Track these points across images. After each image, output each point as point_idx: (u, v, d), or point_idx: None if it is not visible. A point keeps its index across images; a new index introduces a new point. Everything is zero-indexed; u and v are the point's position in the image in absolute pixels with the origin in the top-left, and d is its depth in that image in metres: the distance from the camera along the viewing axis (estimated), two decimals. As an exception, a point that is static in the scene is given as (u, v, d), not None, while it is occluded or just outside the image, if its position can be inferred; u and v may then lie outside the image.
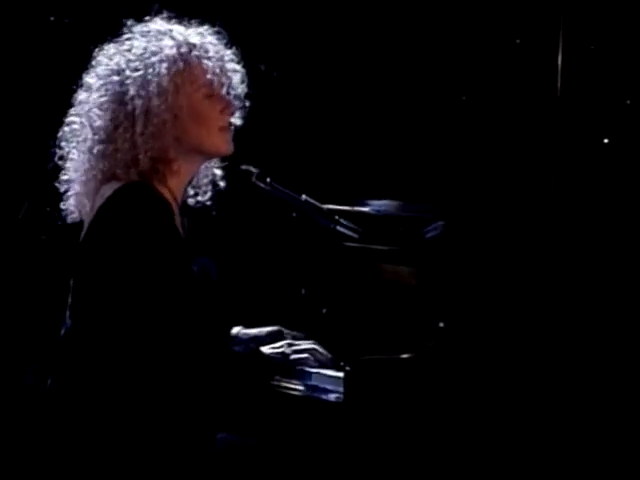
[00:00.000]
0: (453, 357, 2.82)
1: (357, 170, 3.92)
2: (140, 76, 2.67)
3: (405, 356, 2.74)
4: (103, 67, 2.75)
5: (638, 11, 3.45)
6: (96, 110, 2.71)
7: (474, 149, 3.75)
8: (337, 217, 2.98)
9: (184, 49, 2.71)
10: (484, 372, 2.85)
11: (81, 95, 2.78)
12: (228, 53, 2.79)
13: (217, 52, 2.76)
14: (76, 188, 2.74)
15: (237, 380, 2.66)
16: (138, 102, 2.67)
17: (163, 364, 2.54)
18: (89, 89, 2.76)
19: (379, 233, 3.06)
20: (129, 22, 2.78)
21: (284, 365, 2.74)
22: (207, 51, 2.74)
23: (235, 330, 2.91)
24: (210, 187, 2.87)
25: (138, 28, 2.78)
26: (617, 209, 3.31)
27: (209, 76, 2.72)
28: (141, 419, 2.53)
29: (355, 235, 2.99)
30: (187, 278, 2.62)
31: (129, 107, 2.67)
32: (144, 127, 2.66)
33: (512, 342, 2.93)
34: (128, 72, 2.69)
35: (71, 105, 2.80)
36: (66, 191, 2.77)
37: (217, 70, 2.74)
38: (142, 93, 2.66)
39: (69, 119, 2.79)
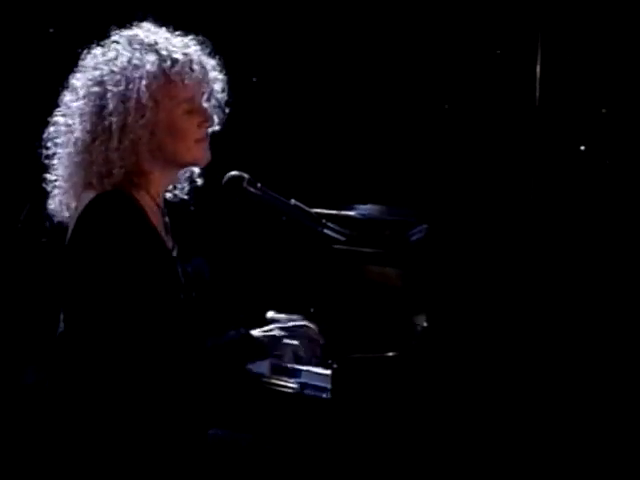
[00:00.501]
0: (436, 355, 2.84)
1: (344, 176, 3.91)
2: (120, 91, 2.62)
3: (390, 354, 2.77)
4: (88, 75, 2.69)
5: (611, 24, 3.44)
6: (77, 119, 2.69)
7: (457, 155, 3.74)
8: (325, 221, 2.97)
9: (167, 64, 2.67)
10: (465, 369, 2.87)
11: (67, 97, 2.74)
12: (211, 62, 2.75)
13: (200, 63, 2.72)
14: (60, 191, 2.73)
15: (230, 364, 2.65)
16: (115, 117, 2.62)
17: (150, 361, 2.53)
18: (74, 91, 2.72)
19: (365, 236, 3.05)
20: (115, 28, 2.72)
21: (274, 347, 2.71)
22: (190, 65, 2.69)
23: (270, 314, 2.88)
24: (188, 184, 2.85)
25: (126, 34, 2.73)
26: (593, 211, 3.31)
27: (190, 92, 2.69)
28: (132, 414, 2.53)
29: (342, 238, 2.99)
30: (167, 275, 2.61)
31: (106, 122, 2.63)
32: (119, 142, 2.63)
33: (493, 340, 2.95)
34: (109, 85, 2.63)
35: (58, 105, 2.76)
36: (51, 191, 2.75)
37: (198, 83, 2.71)
38: (120, 108, 2.61)
39: (54, 119, 2.75)
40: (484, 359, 2.92)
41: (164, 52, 2.66)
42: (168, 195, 2.81)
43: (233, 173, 2.90)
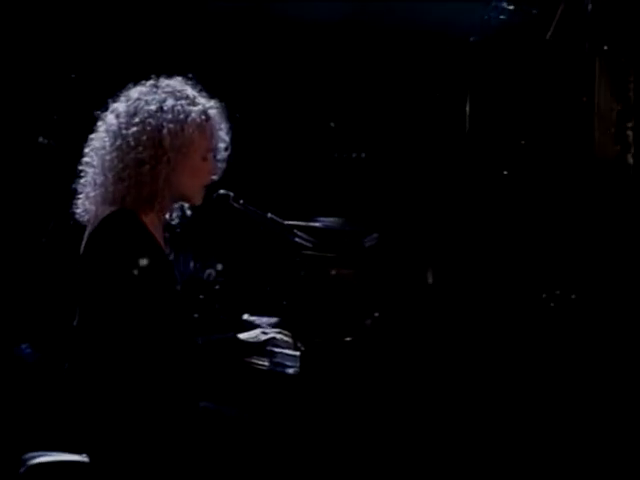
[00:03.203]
0: (385, 340, 2.95)
1: (311, 194, 4.02)
2: (161, 129, 2.71)
3: (347, 339, 2.90)
4: (133, 106, 2.74)
5: (527, 73, 3.53)
6: (114, 142, 2.72)
7: (402, 178, 3.85)
8: (295, 230, 3.07)
9: (204, 117, 2.79)
10: (411, 351, 2.97)
11: (108, 119, 2.77)
12: (225, 126, 2.87)
13: (220, 123, 2.85)
14: (87, 200, 2.79)
15: (219, 358, 2.77)
16: (151, 150, 2.71)
17: (149, 346, 2.62)
18: (117, 117, 2.75)
19: (328, 243, 3.14)
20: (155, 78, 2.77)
21: (256, 346, 2.85)
22: (217, 123, 2.83)
23: (245, 316, 2.98)
24: (180, 212, 2.93)
25: (167, 82, 2.80)
26: (514, 225, 3.38)
27: (210, 143, 2.83)
28: (136, 390, 2.63)
29: (309, 245, 3.09)
30: (165, 276, 2.68)
31: (142, 152, 2.71)
32: (150, 171, 2.71)
33: (433, 327, 3.03)
34: (152, 121, 2.71)
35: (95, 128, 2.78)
36: (78, 199, 2.80)
37: (216, 138, 2.85)
38: (158, 144, 2.71)
39: (92, 136, 2.78)
40: (425, 343, 2.99)
41: (201, 107, 2.80)
42: (166, 216, 2.89)
43: (221, 192, 3.01)
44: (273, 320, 3.04)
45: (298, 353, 2.84)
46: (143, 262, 2.60)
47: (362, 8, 4.11)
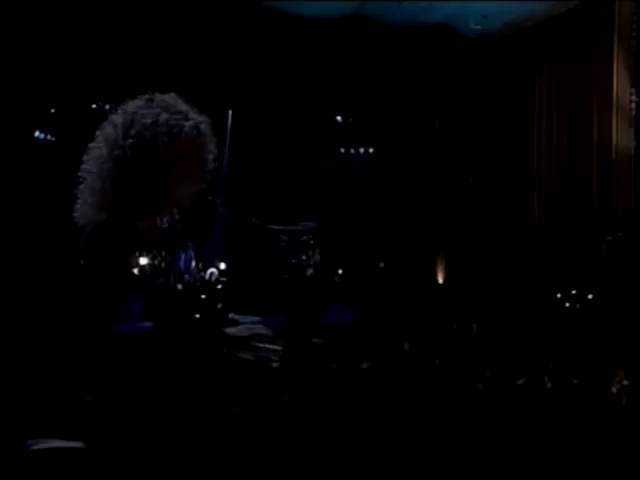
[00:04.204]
0: (364, 335, 3.15)
1: (291, 202, 4.18)
2: (156, 141, 2.78)
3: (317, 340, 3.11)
4: (129, 118, 2.79)
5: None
6: (111, 153, 2.79)
7: (370, 191, 4.04)
8: (277, 233, 3.22)
9: (195, 132, 2.84)
10: (378, 345, 3.21)
11: (108, 130, 2.83)
12: (214, 139, 2.92)
13: (210, 138, 2.91)
14: (85, 205, 2.84)
15: (210, 348, 2.86)
16: (146, 160, 2.77)
17: (143, 343, 2.71)
18: (114, 128, 2.82)
19: (306, 245, 3.29)
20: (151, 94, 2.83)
21: (241, 340, 2.91)
22: (207, 137, 2.89)
23: (231, 315, 3.02)
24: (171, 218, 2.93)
25: (162, 98, 2.86)
26: (529, 224, 3.51)
27: (201, 154, 2.87)
28: (129, 384, 2.70)
29: (290, 246, 3.21)
30: (155, 283, 2.80)
31: (138, 162, 2.77)
32: (144, 180, 2.77)
33: (425, 325, 3.18)
34: (149, 133, 2.77)
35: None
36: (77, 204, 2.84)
37: (206, 151, 2.89)
38: (153, 155, 2.76)
39: (90, 146, 2.82)
40: (412, 340, 3.16)
41: (193, 121, 2.88)
42: (157, 221, 2.91)
43: (209, 198, 3.11)
44: (256, 319, 3.08)
45: (279, 348, 2.95)
46: (133, 264, 2.69)
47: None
